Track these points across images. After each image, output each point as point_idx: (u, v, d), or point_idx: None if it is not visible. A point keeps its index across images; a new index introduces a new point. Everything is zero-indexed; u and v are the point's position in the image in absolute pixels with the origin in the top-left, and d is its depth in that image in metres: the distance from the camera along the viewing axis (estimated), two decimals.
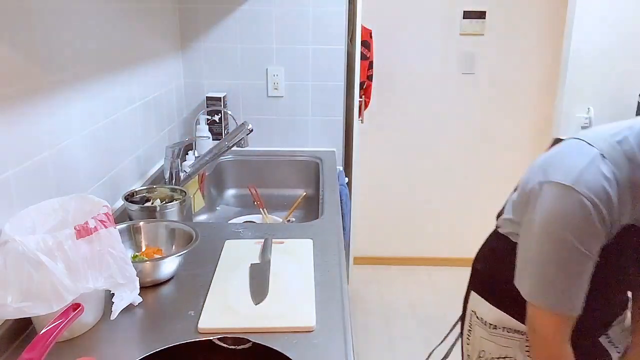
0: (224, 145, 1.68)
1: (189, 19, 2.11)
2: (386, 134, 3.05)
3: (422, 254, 3.27)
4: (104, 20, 1.43)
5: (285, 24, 2.10)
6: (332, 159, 2.13)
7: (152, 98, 1.82)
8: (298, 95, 2.19)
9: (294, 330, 0.98)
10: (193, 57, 2.15)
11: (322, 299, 1.09)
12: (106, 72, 1.45)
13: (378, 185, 3.14)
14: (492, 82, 2.96)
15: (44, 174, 1.12)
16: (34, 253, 0.84)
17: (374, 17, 2.83)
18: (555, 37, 2.84)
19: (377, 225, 3.21)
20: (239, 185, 2.10)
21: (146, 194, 1.52)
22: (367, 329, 2.67)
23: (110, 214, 0.97)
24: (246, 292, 1.11)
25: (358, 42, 2.22)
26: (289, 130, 2.23)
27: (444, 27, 2.88)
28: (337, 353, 0.92)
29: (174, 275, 1.19)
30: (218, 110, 2.12)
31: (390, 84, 2.96)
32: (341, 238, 1.40)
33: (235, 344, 0.89)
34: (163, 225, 1.29)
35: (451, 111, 3.01)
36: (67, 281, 0.86)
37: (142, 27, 1.72)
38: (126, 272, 0.96)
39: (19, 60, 1.03)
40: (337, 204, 1.66)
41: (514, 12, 2.85)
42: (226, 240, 1.36)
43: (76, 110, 1.27)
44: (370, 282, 3.09)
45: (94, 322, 1.00)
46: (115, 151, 1.51)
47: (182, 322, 1.01)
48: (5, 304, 0.83)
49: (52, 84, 1.15)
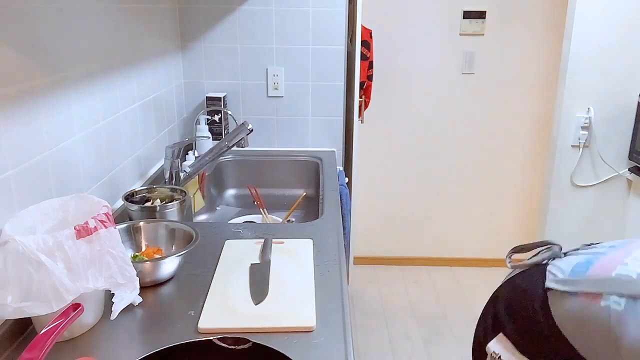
0: (224, 145, 1.68)
1: (189, 19, 2.11)
2: (386, 134, 3.05)
3: (422, 254, 3.27)
4: (104, 20, 1.43)
5: (285, 24, 2.10)
6: (332, 159, 2.13)
7: (152, 98, 1.82)
8: (298, 95, 2.19)
9: (294, 330, 0.98)
10: (193, 57, 2.15)
11: (322, 299, 1.09)
12: (106, 72, 1.45)
13: (378, 185, 3.14)
14: (492, 82, 2.97)
15: (44, 174, 1.12)
16: (34, 253, 0.84)
17: (374, 17, 2.83)
18: (555, 37, 2.85)
19: (377, 225, 3.21)
20: (239, 185, 2.10)
21: (146, 194, 1.52)
22: (367, 329, 2.67)
23: (110, 214, 0.97)
24: (246, 292, 1.11)
25: (358, 42, 2.22)
26: (289, 130, 2.23)
27: (444, 27, 2.88)
28: (337, 353, 0.92)
29: (174, 275, 1.19)
30: (218, 110, 2.12)
31: (390, 84, 2.96)
32: (341, 238, 1.40)
33: (235, 344, 0.89)
34: (163, 225, 1.29)
35: (451, 111, 3.01)
36: (67, 281, 0.86)
37: (142, 27, 1.72)
38: (126, 272, 0.96)
39: (19, 60, 1.03)
40: (337, 204, 1.66)
41: (514, 12, 2.85)
42: (226, 240, 1.36)
43: (76, 110, 1.27)
44: (370, 282, 3.10)
45: (94, 322, 1.00)
46: (115, 151, 1.51)
47: (182, 322, 1.01)
48: (5, 304, 0.83)
49: (52, 84, 1.15)
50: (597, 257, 1.04)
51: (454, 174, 3.13)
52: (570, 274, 1.04)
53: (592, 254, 1.07)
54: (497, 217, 3.21)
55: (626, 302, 0.91)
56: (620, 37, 2.35)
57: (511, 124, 3.04)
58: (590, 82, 2.41)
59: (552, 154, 2.55)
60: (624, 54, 2.37)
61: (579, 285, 1.00)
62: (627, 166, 2.50)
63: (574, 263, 1.06)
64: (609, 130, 2.47)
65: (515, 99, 2.99)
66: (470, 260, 3.28)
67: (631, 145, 2.43)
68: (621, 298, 0.92)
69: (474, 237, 3.25)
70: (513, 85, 2.97)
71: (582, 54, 2.38)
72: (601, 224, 2.60)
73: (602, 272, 0.99)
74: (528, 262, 1.18)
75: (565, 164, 2.53)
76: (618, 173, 2.51)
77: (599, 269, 1.00)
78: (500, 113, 3.02)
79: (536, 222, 3.07)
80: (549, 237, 2.62)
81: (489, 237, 3.24)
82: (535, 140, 3.06)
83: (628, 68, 2.38)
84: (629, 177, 2.51)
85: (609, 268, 0.99)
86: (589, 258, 1.05)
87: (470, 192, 3.16)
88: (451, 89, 2.98)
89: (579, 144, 2.49)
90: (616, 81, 2.40)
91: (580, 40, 2.36)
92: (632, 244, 1.07)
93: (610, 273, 0.97)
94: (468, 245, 3.27)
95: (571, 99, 2.44)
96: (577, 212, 2.59)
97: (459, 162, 3.11)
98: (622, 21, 2.33)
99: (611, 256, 1.03)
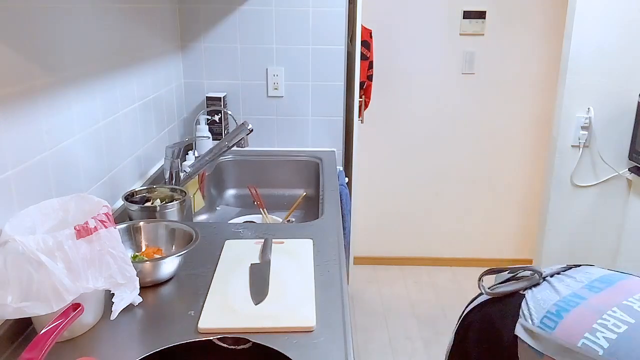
0: (224, 145, 1.68)
1: (189, 19, 2.11)
2: (386, 134, 3.05)
3: (422, 254, 3.27)
4: (104, 20, 1.43)
5: (285, 24, 2.10)
6: (332, 159, 2.13)
7: (152, 98, 1.82)
8: (298, 95, 2.19)
9: (294, 330, 0.98)
10: (193, 57, 2.15)
11: (322, 299, 1.09)
12: (106, 72, 1.45)
13: (378, 185, 3.14)
14: (492, 82, 2.97)
15: (44, 174, 1.12)
16: (34, 253, 0.84)
17: (374, 17, 2.83)
18: (555, 37, 2.85)
19: (377, 225, 3.21)
20: (239, 185, 2.10)
21: (146, 194, 1.52)
22: (367, 329, 2.67)
23: (110, 214, 0.97)
24: (246, 292, 1.11)
25: (358, 42, 2.22)
26: (289, 130, 2.23)
27: (444, 27, 2.88)
28: (337, 353, 0.92)
29: (174, 275, 1.19)
30: (218, 110, 2.13)
31: (390, 84, 2.96)
32: (341, 238, 1.40)
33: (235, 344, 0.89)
34: (163, 225, 1.29)
35: (451, 111, 3.01)
36: (67, 281, 0.86)
37: (142, 27, 1.72)
38: (126, 272, 0.96)
39: (19, 60, 1.03)
40: (337, 204, 1.66)
41: (514, 12, 2.85)
42: (226, 240, 1.36)
43: (76, 110, 1.27)
44: (370, 282, 3.10)
45: (94, 322, 1.00)
46: (115, 151, 1.51)
47: (182, 322, 1.01)
48: (5, 304, 0.83)
49: (52, 84, 1.15)
50: (568, 308, 1.02)
51: (454, 174, 3.13)
52: (539, 325, 1.03)
53: (567, 297, 1.05)
54: (497, 217, 3.21)
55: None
56: (620, 37, 2.35)
57: (511, 124, 3.04)
58: (590, 82, 2.41)
59: (552, 154, 2.55)
60: (624, 54, 2.37)
61: (545, 345, 1.00)
62: (627, 166, 2.50)
63: (545, 309, 1.04)
64: (609, 130, 2.47)
65: (515, 99, 2.99)
66: (470, 260, 3.28)
67: (631, 145, 2.43)
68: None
69: (474, 237, 3.25)
70: (513, 85, 2.97)
71: (582, 54, 2.38)
72: (601, 224, 2.60)
73: (569, 337, 0.98)
74: (502, 290, 1.15)
75: (565, 164, 2.53)
76: (618, 173, 2.51)
77: (567, 329, 0.99)
78: (500, 113, 3.02)
79: (536, 222, 3.08)
80: (548, 237, 2.62)
81: (489, 237, 3.25)
82: (535, 140, 3.07)
83: (628, 68, 2.38)
84: (629, 177, 2.51)
85: (576, 333, 0.97)
86: (560, 307, 1.04)
87: (470, 192, 3.16)
88: (451, 89, 2.98)
89: (579, 144, 2.48)
90: (616, 81, 2.40)
91: (580, 40, 2.36)
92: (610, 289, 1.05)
93: (575, 342, 0.96)
94: (468, 245, 3.27)
95: (571, 99, 2.44)
96: (577, 212, 2.59)
97: (459, 162, 3.11)
98: (622, 21, 2.33)
99: (582, 312, 1.01)
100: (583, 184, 2.56)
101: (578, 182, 2.55)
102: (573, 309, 1.02)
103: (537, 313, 1.05)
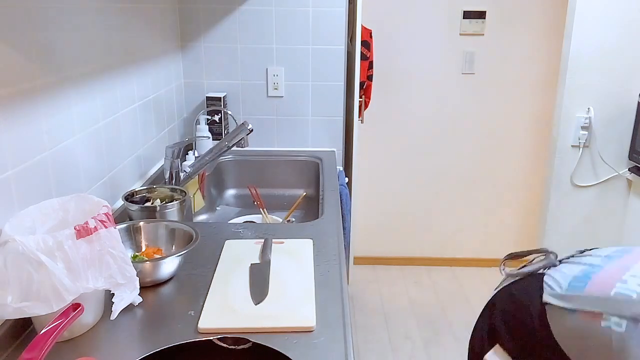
0: (224, 145, 1.68)
1: (189, 19, 2.11)
2: (386, 134, 3.05)
3: (422, 254, 3.27)
4: (104, 20, 1.43)
5: (285, 24, 2.10)
6: (332, 159, 2.13)
7: (152, 98, 1.82)
8: (298, 95, 2.19)
9: (294, 330, 0.98)
10: (193, 57, 2.15)
11: (322, 299, 1.09)
12: (106, 72, 1.45)
13: (378, 185, 3.14)
14: (492, 82, 2.97)
15: (44, 174, 1.12)
16: (34, 253, 0.84)
17: (374, 17, 2.83)
18: (555, 37, 2.85)
19: (377, 225, 3.21)
20: (239, 185, 2.10)
21: (146, 194, 1.52)
22: (367, 329, 2.67)
23: (110, 214, 0.97)
24: (246, 292, 1.11)
25: (358, 42, 2.22)
26: (289, 130, 2.23)
27: (444, 27, 2.88)
28: (337, 353, 0.92)
29: (174, 275, 1.19)
30: (218, 110, 2.13)
31: (390, 84, 2.96)
32: (341, 238, 1.40)
33: (235, 344, 0.89)
34: (163, 225, 1.29)
35: (451, 111, 3.01)
36: (67, 281, 0.86)
37: (142, 27, 1.72)
38: (126, 272, 0.96)
39: (19, 60, 1.03)
40: (337, 204, 1.66)
41: (514, 12, 2.85)
42: (226, 240, 1.36)
43: (76, 110, 1.27)
44: (370, 282, 3.10)
45: (94, 322, 1.00)
46: (115, 151, 1.51)
47: (182, 322, 1.01)
48: (5, 304, 0.83)
49: (52, 84, 1.15)
50: (594, 271, 1.03)
51: (454, 174, 3.13)
52: (567, 288, 1.02)
53: (588, 265, 1.06)
54: (497, 217, 3.21)
55: (627, 324, 0.91)
56: (620, 37, 2.35)
57: (511, 124, 3.04)
58: (590, 82, 2.41)
59: (552, 154, 2.55)
60: (624, 54, 2.37)
61: (577, 302, 0.99)
62: (627, 166, 2.50)
63: (571, 276, 1.05)
64: (609, 130, 2.47)
65: (515, 99, 2.99)
66: (470, 260, 3.27)
67: (631, 145, 2.43)
68: (622, 319, 0.92)
69: (474, 237, 3.25)
70: (513, 85, 2.97)
71: (582, 54, 2.38)
72: (601, 224, 2.60)
73: (601, 290, 0.98)
74: (523, 270, 1.16)
75: (565, 164, 2.53)
76: (618, 173, 2.51)
77: (597, 285, 0.99)
78: (500, 113, 3.02)
79: (536, 222, 3.07)
80: (549, 237, 2.62)
81: (489, 237, 3.25)
82: (535, 140, 3.06)
83: (628, 68, 2.38)
84: (629, 177, 2.51)
85: (608, 285, 0.98)
86: (586, 271, 1.04)
87: (470, 192, 3.16)
88: (451, 89, 2.98)
89: (579, 144, 2.49)
90: (616, 81, 2.41)
91: (580, 40, 2.36)
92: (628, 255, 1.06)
93: (609, 291, 0.96)
94: (468, 245, 3.27)
95: (571, 99, 2.44)
96: (577, 212, 2.59)
97: (459, 162, 3.11)
98: (622, 21, 2.33)
99: (608, 270, 1.02)
100: (583, 184, 2.56)
101: (578, 182, 2.56)
102: (599, 271, 1.03)
103: (564, 281, 1.05)
